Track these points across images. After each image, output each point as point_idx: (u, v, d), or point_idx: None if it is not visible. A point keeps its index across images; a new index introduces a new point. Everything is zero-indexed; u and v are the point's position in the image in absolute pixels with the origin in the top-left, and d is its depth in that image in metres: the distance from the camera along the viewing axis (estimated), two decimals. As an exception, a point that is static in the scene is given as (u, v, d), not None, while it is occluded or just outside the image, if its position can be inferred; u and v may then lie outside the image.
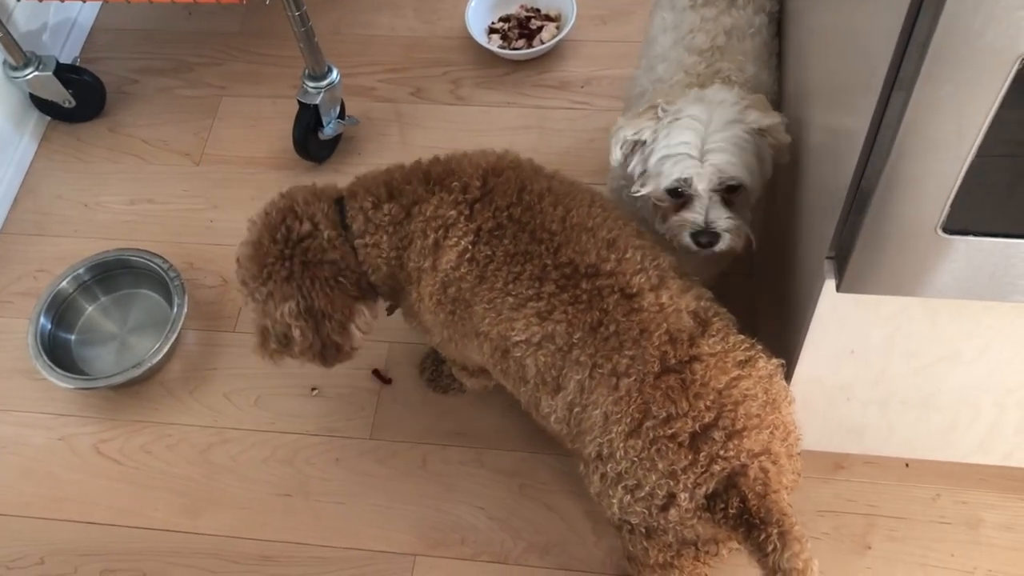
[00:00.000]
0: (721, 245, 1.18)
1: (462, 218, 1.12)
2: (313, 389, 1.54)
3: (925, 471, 1.38)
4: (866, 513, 1.36)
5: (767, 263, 1.46)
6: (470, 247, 1.11)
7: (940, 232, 0.85)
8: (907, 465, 1.38)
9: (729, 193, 1.17)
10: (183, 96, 1.88)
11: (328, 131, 1.71)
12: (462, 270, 1.11)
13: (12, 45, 1.70)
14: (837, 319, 1.04)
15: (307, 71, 1.65)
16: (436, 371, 1.51)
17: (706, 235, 1.17)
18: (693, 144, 1.13)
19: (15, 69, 1.74)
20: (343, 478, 1.46)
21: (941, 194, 0.81)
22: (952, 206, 0.82)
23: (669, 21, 1.35)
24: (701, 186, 1.14)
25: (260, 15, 1.71)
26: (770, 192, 1.45)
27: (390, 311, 1.32)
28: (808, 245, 1.08)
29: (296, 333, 1.18)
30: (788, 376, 1.18)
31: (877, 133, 0.81)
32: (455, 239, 1.11)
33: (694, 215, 1.16)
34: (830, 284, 0.98)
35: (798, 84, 1.23)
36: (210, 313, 1.62)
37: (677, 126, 1.15)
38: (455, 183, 1.15)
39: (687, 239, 1.18)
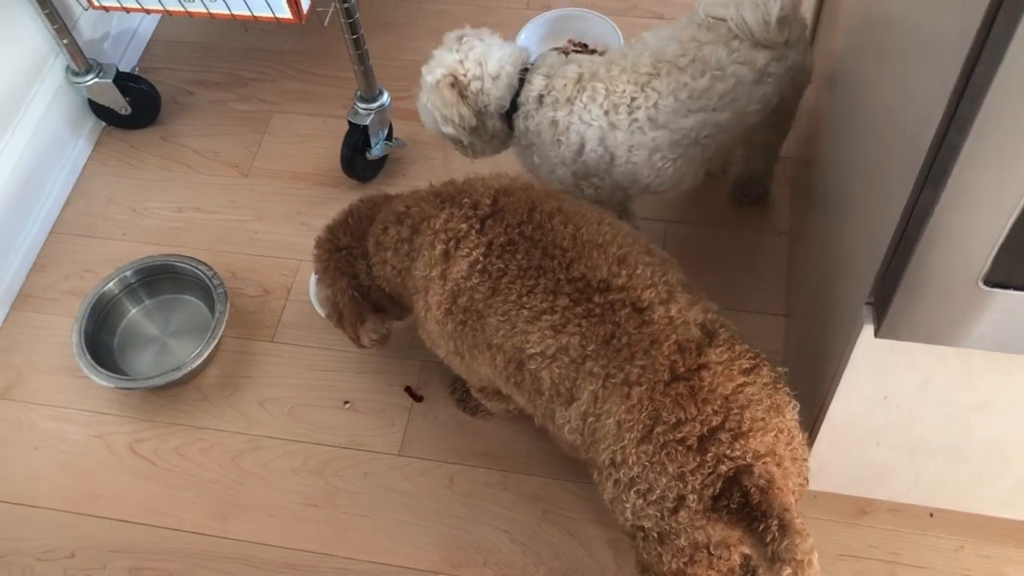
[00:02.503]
0: None
1: (473, 231, 1.19)
2: (346, 402, 1.57)
3: (950, 522, 1.38)
4: (888, 560, 1.36)
5: (801, 302, 1.47)
6: (481, 259, 1.17)
7: (981, 284, 0.86)
8: (932, 515, 1.39)
9: None
10: (236, 110, 1.93)
11: (375, 152, 1.75)
12: (474, 280, 1.16)
13: (76, 52, 1.75)
14: (872, 364, 1.05)
15: (359, 93, 1.69)
16: (466, 392, 1.53)
17: None
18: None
19: (77, 75, 1.79)
20: (370, 492, 1.48)
21: (984, 247, 0.83)
22: (995, 259, 0.84)
23: (667, 31, 1.40)
24: None
25: (315, 35, 1.76)
26: (807, 231, 1.47)
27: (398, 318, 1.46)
28: (846, 288, 1.10)
29: (326, 313, 1.44)
30: (818, 417, 1.20)
31: (924, 184, 0.83)
32: (467, 250, 1.17)
33: None
34: (868, 329, 0.99)
35: (841, 123, 1.25)
36: (250, 322, 1.65)
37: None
38: (465, 200, 1.22)
39: None
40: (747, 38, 1.34)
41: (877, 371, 1.07)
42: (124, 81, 1.83)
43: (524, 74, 1.40)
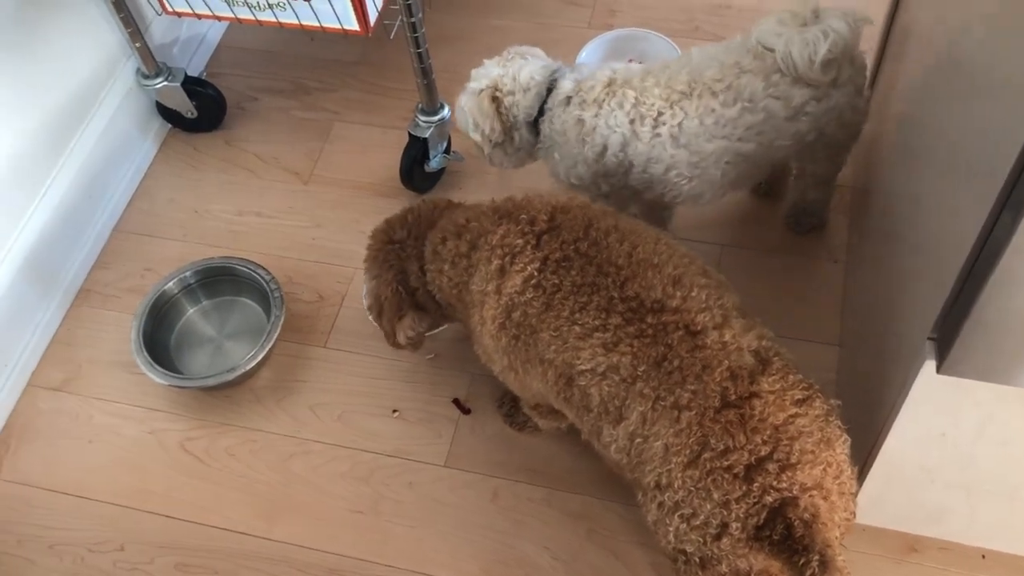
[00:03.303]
0: None
1: (529, 247, 1.19)
2: (394, 411, 1.58)
3: (1001, 564, 1.35)
4: (937, 600, 1.34)
5: (856, 332, 1.46)
6: (536, 274, 1.17)
7: (1050, 325, 0.85)
8: (984, 556, 1.36)
9: None
10: (298, 117, 1.96)
11: (434, 164, 1.77)
12: (528, 295, 1.17)
13: (147, 55, 1.80)
14: (932, 400, 1.04)
15: (420, 105, 1.71)
16: (514, 407, 1.53)
17: None
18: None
19: (147, 78, 1.84)
20: (415, 502, 1.49)
21: (1057, 288, 0.82)
22: (1066, 301, 0.82)
23: (714, 50, 1.41)
24: None
25: (380, 47, 1.79)
26: (865, 260, 1.46)
27: (431, 327, 1.47)
28: (907, 322, 1.08)
29: (367, 305, 1.46)
30: (872, 451, 1.18)
31: (997, 220, 0.82)
32: (521, 265, 1.18)
33: None
34: (929, 365, 0.98)
35: (907, 155, 1.24)
36: (304, 327, 1.68)
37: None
38: (523, 215, 1.23)
39: None
40: (790, 73, 1.33)
41: (936, 408, 1.06)
42: (191, 85, 1.87)
43: (553, 84, 1.45)
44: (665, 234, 1.21)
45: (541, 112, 1.46)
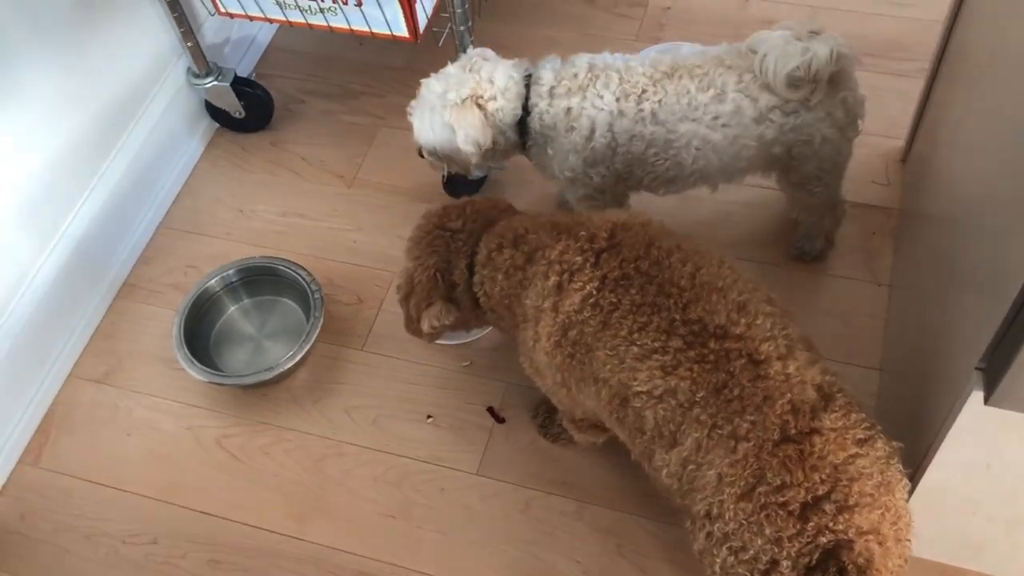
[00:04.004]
0: None
1: (588, 265, 1.17)
2: (429, 417, 1.58)
3: (1042, 601, 1.32)
4: (973, 634, 1.31)
5: (899, 358, 1.44)
6: (595, 292, 1.15)
7: (1106, 361, 0.83)
8: (1023, 592, 1.33)
9: None
10: (344, 121, 1.98)
11: (476, 172, 1.77)
12: (585, 314, 1.15)
13: (199, 55, 1.82)
14: (978, 432, 1.02)
15: (466, 112, 1.71)
16: (549, 418, 1.53)
17: None
18: None
19: (197, 77, 1.86)
20: (446, 509, 1.49)
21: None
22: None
23: (704, 48, 1.46)
24: None
25: (427, 54, 1.78)
26: (912, 285, 1.44)
27: (459, 326, 1.41)
28: (955, 351, 1.06)
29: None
30: (913, 480, 1.16)
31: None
32: (580, 283, 1.16)
33: None
34: (977, 396, 0.96)
35: (960, 185, 1.22)
36: (343, 330, 1.69)
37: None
38: (582, 232, 1.21)
39: None
40: (760, 78, 1.38)
41: (982, 439, 1.04)
42: (241, 86, 1.89)
43: (528, 79, 1.47)
44: (728, 257, 1.19)
45: (526, 111, 1.47)
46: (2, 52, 1.45)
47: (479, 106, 1.44)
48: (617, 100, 1.42)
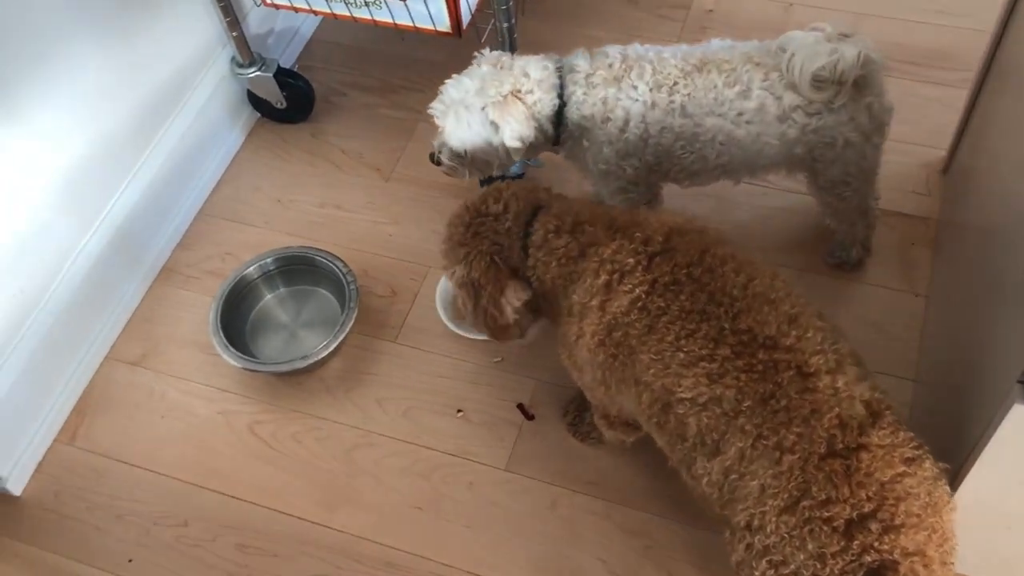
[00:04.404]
0: None
1: (639, 267, 1.16)
2: (459, 411, 1.59)
3: (1074, 620, 1.31)
4: (1003, 651, 1.30)
5: (935, 369, 1.42)
6: (643, 296, 1.14)
7: None
8: (1055, 610, 1.31)
9: None
10: (384, 115, 1.99)
11: (513, 168, 1.77)
12: (632, 317, 1.15)
13: (243, 45, 1.84)
14: (1017, 445, 1.01)
15: (506, 109, 1.72)
16: (579, 417, 1.53)
17: None
18: None
19: (241, 66, 1.88)
20: (474, 503, 1.50)
21: None
22: None
23: (734, 43, 1.45)
24: None
25: (468, 50, 1.78)
26: (951, 296, 1.43)
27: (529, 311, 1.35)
28: (996, 364, 1.05)
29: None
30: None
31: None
32: (630, 286, 1.15)
33: None
34: (1018, 409, 0.95)
35: (1006, 188, 1.21)
36: (376, 321, 1.70)
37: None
38: (638, 233, 1.20)
39: None
40: (786, 76, 1.37)
41: (1021, 453, 1.03)
42: (283, 76, 1.91)
43: (561, 70, 1.47)
44: (781, 271, 1.17)
45: (562, 102, 1.46)
46: (51, 38, 1.47)
47: (520, 100, 1.44)
48: (650, 91, 1.42)
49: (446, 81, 1.48)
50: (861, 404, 1.03)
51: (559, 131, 1.49)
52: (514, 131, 1.43)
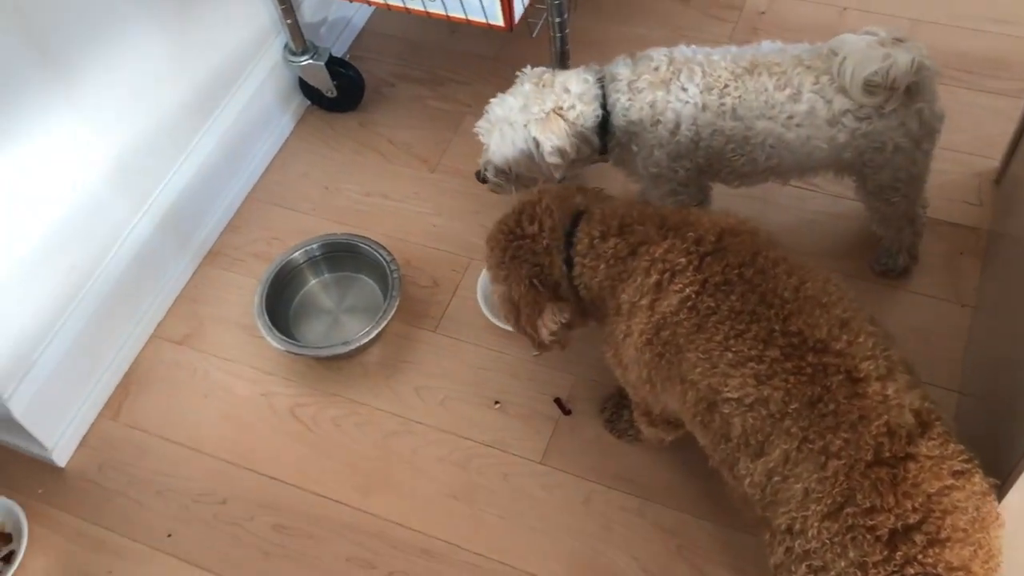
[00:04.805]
0: None
1: (691, 267, 1.16)
2: (496, 402, 1.60)
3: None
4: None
5: (980, 381, 1.41)
6: (693, 295, 1.14)
7: None
8: (1095, 630, 1.29)
9: None
10: (432, 107, 2.00)
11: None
12: (681, 316, 1.14)
13: (297, 33, 1.86)
14: (1066, 458, 1.00)
15: (554, 104, 1.72)
16: (616, 414, 1.53)
17: None
18: None
19: (294, 54, 1.90)
20: (508, 494, 1.50)
21: None
22: None
23: (784, 46, 1.45)
24: None
25: (517, 44, 1.81)
26: (998, 309, 1.41)
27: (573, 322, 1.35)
28: (1045, 375, 1.04)
29: (502, 314, 1.37)
30: (991, 503, 1.14)
31: None
32: (680, 285, 1.15)
33: None
34: (1068, 421, 0.94)
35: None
36: (417, 311, 1.71)
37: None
38: (690, 233, 1.19)
39: None
40: (837, 80, 1.36)
41: (1069, 467, 1.01)
42: (335, 66, 1.93)
43: (602, 80, 1.47)
44: (834, 275, 1.17)
45: (606, 112, 1.47)
46: (111, 20, 1.50)
47: (561, 116, 1.45)
48: (701, 93, 1.42)
49: (491, 100, 1.51)
50: (911, 413, 1.02)
51: (605, 140, 1.50)
52: (554, 146, 1.45)
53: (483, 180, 1.57)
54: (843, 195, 1.73)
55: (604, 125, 1.48)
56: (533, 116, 1.45)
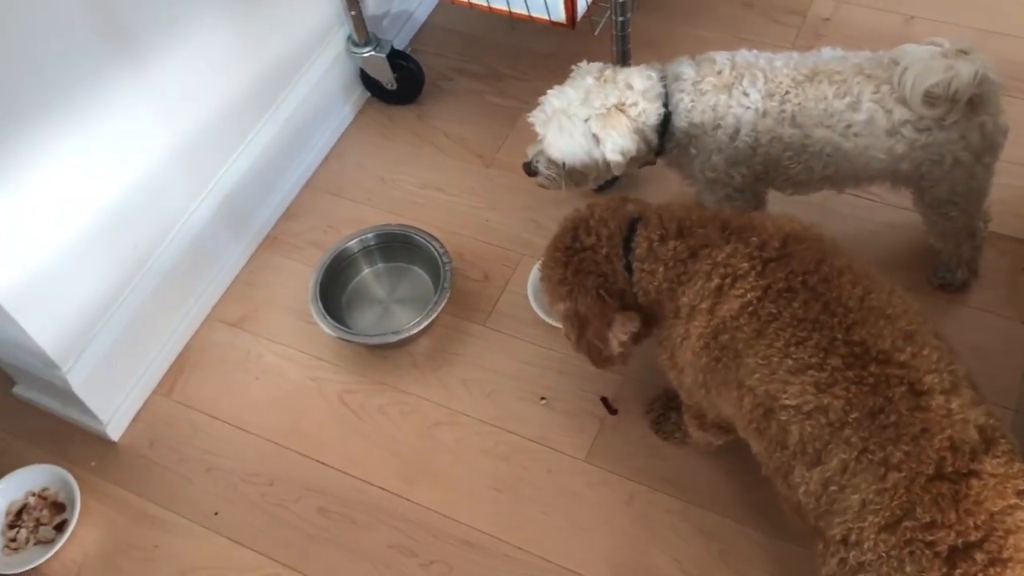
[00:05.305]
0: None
1: (753, 273, 1.15)
2: (542, 398, 1.60)
3: None
4: None
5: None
6: (755, 301, 1.13)
7: None
8: None
9: None
10: (489, 102, 2.01)
11: (592, 185, 1.76)
12: (741, 321, 1.13)
13: (360, 24, 1.89)
14: None
15: (612, 103, 1.72)
16: (663, 415, 1.52)
17: None
18: None
19: (356, 45, 1.93)
20: (551, 490, 1.51)
21: None
22: None
23: (845, 54, 1.43)
24: None
25: (576, 43, 1.80)
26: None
27: (636, 337, 1.33)
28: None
29: (564, 333, 1.34)
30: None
31: None
32: (742, 290, 1.14)
33: None
34: None
35: None
36: (468, 303, 1.72)
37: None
38: (754, 238, 1.18)
39: None
40: (897, 90, 1.34)
41: None
42: (395, 58, 1.95)
43: (665, 79, 1.46)
44: (899, 287, 1.15)
45: (667, 111, 1.45)
46: (177, 10, 1.53)
47: (624, 113, 1.43)
48: (763, 99, 1.41)
49: (548, 91, 1.48)
50: (975, 429, 1.00)
51: (664, 140, 1.49)
52: (616, 144, 1.43)
53: (532, 173, 1.55)
54: (903, 206, 1.70)
55: (664, 125, 1.47)
56: (595, 111, 1.43)
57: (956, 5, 2.01)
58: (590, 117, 1.43)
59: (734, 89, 1.42)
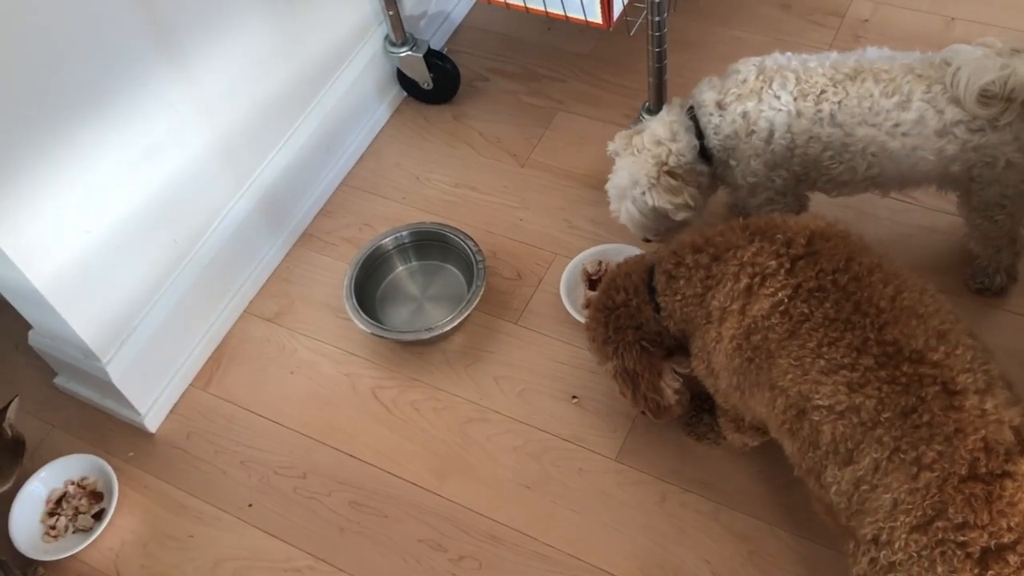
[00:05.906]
0: None
1: (782, 271, 1.14)
2: (574, 397, 1.61)
3: None
4: None
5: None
6: (786, 300, 1.12)
7: None
8: None
9: None
10: (524, 102, 2.02)
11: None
12: (772, 321, 1.13)
13: (398, 24, 1.90)
14: None
15: (647, 104, 1.73)
16: (696, 416, 1.52)
17: None
18: None
19: (393, 45, 1.94)
20: (582, 489, 1.51)
21: None
22: None
23: (893, 53, 1.42)
24: None
25: (612, 43, 1.81)
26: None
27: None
28: None
29: (619, 391, 1.40)
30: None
31: None
32: (772, 289, 1.13)
33: None
34: None
35: None
36: (500, 302, 1.73)
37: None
38: (778, 236, 1.17)
39: None
40: (950, 90, 1.33)
41: None
42: (432, 58, 1.96)
43: (692, 109, 1.47)
44: (930, 286, 1.14)
45: (701, 138, 1.47)
46: (218, 10, 1.56)
47: (669, 173, 1.46)
48: (795, 100, 1.40)
49: (606, 186, 1.55)
50: (1010, 430, 0.99)
51: (712, 164, 1.50)
52: (678, 206, 1.47)
53: (647, 240, 1.62)
54: (940, 208, 1.69)
55: (703, 151, 1.48)
56: (644, 188, 1.47)
57: (998, 6, 1.99)
58: (646, 192, 1.47)
59: (764, 93, 1.42)
